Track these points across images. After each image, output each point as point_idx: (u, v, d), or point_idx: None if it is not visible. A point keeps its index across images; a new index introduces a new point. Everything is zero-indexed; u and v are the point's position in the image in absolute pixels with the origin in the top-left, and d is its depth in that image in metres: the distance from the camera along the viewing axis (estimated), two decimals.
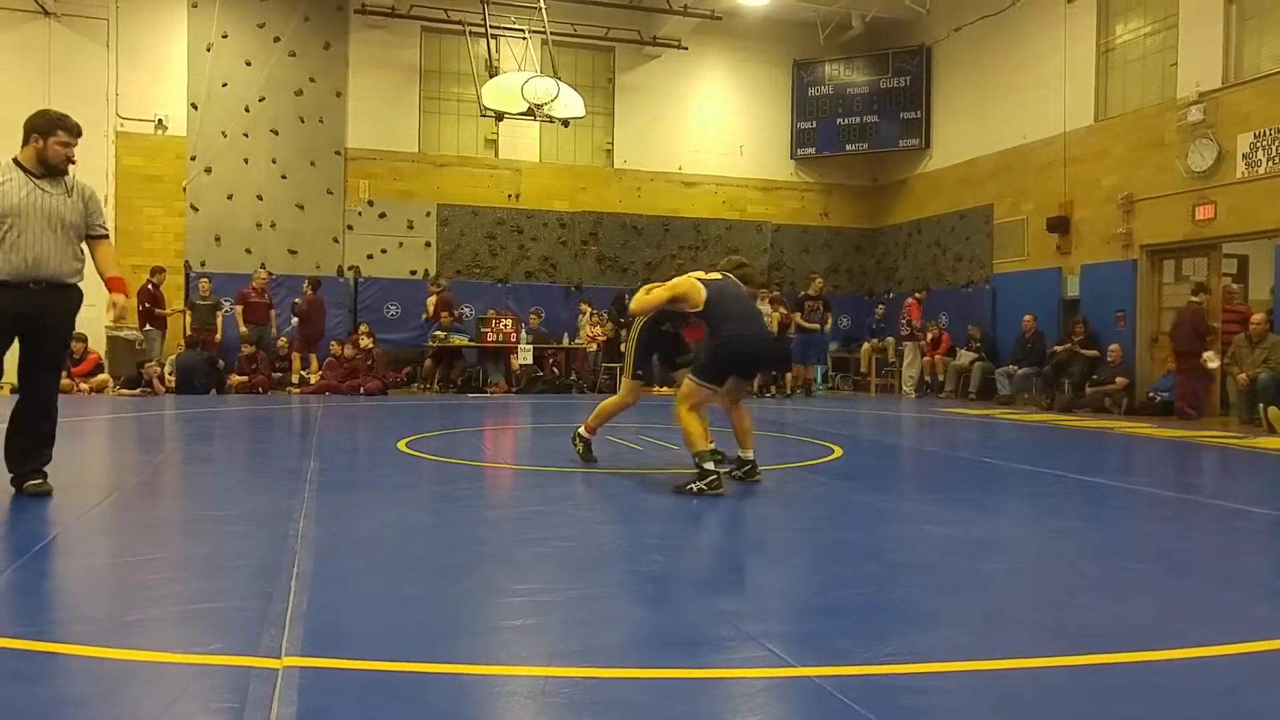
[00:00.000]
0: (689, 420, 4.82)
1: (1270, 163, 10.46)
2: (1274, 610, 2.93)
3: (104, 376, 12.13)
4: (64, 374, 11.77)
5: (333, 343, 12.97)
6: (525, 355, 13.45)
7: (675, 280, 5.13)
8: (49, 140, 4.23)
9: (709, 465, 4.69)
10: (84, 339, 12.21)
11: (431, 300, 13.64)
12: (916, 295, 14.49)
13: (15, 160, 4.24)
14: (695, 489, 4.63)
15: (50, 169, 4.24)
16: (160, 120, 13.87)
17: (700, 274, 5.16)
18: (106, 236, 4.49)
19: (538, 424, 7.76)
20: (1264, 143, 10.50)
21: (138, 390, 11.56)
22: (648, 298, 5.18)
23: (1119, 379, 11.56)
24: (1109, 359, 11.74)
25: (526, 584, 3.05)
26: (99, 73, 13.59)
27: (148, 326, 12.46)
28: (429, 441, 7.05)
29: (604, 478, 5.37)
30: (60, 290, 4.26)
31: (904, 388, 14.53)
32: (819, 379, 15.19)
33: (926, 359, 14.19)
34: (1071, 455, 7.42)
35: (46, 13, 13.34)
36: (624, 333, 10.56)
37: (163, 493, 4.99)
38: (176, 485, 5.30)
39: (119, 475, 5.60)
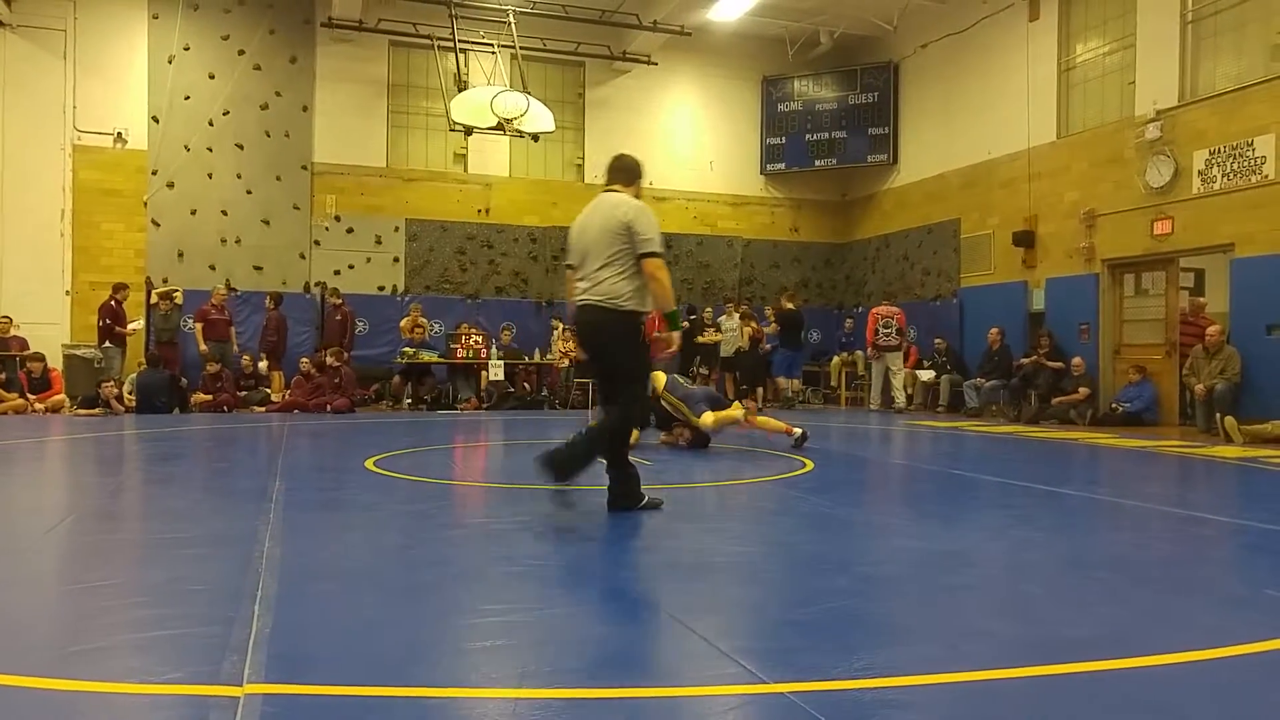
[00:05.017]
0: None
1: (1225, 179, 10.70)
2: (1227, 618, 3.00)
3: (60, 396, 11.82)
4: (19, 394, 11.55)
5: (302, 360, 12.79)
6: (496, 371, 13.36)
7: None
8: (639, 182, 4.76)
9: None
10: (41, 358, 11.90)
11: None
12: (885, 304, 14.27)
13: None
14: None
15: None
16: (119, 134, 13.63)
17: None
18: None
19: (509, 441, 7.69)
20: (1219, 159, 10.75)
21: (96, 410, 11.27)
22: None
23: (1081, 389, 11.76)
24: (1073, 371, 11.94)
25: (496, 604, 3.00)
26: (55, 85, 13.36)
27: (106, 344, 12.21)
28: (398, 460, 6.96)
29: (575, 495, 5.32)
30: None
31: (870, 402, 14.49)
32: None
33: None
34: (1038, 467, 7.50)
35: (1, 24, 13.10)
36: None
37: (121, 515, 4.86)
38: (136, 508, 5.17)
39: (75, 497, 5.46)
